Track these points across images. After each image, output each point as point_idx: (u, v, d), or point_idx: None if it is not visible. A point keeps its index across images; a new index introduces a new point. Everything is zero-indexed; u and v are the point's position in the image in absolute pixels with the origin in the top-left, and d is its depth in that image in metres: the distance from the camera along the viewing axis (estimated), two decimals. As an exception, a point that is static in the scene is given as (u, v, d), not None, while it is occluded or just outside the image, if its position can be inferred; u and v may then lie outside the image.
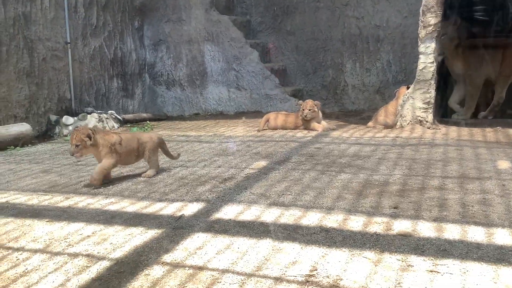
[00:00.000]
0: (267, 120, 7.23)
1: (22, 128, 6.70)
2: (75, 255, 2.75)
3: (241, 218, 3.26)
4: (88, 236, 3.05)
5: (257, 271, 2.47)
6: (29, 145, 6.60)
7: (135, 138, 4.50)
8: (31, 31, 7.37)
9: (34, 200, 3.87)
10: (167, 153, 4.80)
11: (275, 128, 7.14)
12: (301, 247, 2.74)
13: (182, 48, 9.93)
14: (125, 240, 2.94)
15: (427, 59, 6.54)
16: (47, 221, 3.33)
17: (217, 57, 9.64)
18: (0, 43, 6.89)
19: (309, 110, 6.81)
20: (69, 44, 8.03)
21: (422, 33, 6.55)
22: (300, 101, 7.16)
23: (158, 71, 10.18)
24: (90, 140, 4.06)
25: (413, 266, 2.46)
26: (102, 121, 8.06)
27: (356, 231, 2.94)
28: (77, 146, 4.06)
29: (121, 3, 9.34)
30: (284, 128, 7.12)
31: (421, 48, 6.59)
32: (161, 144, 4.68)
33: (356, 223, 3.08)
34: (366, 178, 4.15)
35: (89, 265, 2.62)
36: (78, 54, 8.31)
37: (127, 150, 4.36)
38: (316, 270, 2.45)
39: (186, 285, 2.35)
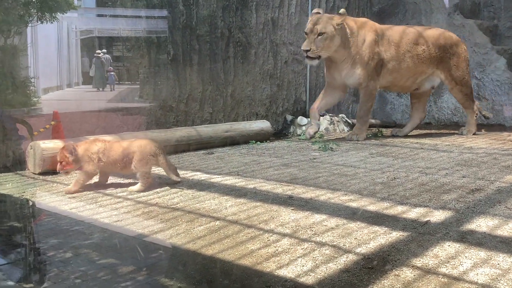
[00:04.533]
0: None
1: (263, 125, 7.22)
2: (322, 244, 2.78)
3: (498, 233, 2.90)
4: (332, 228, 3.06)
5: (526, 293, 2.14)
6: (267, 141, 7.06)
7: (120, 146, 4.20)
8: (277, 35, 7.91)
9: (278, 189, 4.08)
10: (165, 166, 4.25)
11: None
12: None
13: (418, 54, 9.52)
14: (369, 238, 2.87)
15: None
16: (292, 209, 3.47)
17: (457, 63, 8.98)
18: (250, 46, 7.56)
19: None
20: (308, 49, 8.39)
21: None
22: None
23: (390, 77, 9.96)
24: (72, 155, 4.04)
25: None
26: (333, 124, 8.22)
27: None
28: (61, 163, 4.08)
29: (360, 9, 9.42)
30: None
31: None
32: (156, 155, 4.17)
33: None
34: None
35: (335, 255, 2.62)
36: (315, 58, 8.62)
37: (111, 160, 4.14)
38: None
39: (442, 293, 2.16)
